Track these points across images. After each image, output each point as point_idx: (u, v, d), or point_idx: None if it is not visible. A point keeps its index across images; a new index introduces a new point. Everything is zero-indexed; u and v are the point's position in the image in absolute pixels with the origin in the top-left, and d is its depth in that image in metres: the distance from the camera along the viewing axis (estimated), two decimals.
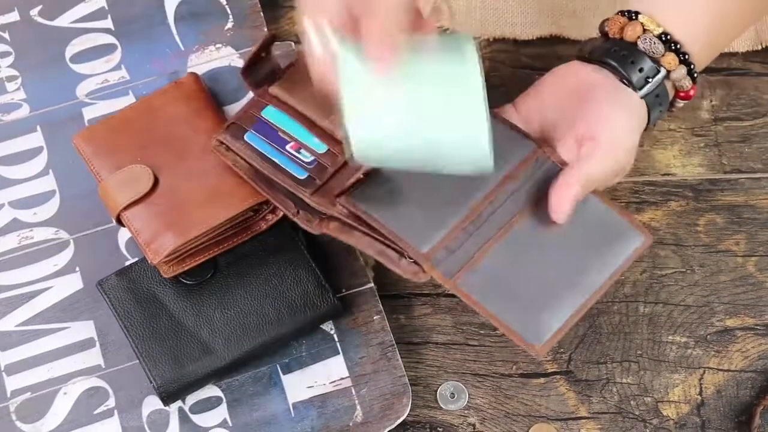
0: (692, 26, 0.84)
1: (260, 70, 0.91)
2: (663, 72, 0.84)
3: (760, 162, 1.01)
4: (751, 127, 1.03)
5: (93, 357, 0.92)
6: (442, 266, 0.82)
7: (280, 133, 0.89)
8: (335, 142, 0.87)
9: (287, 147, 0.88)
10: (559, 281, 0.83)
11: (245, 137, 0.89)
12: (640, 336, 0.95)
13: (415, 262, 0.82)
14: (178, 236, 0.88)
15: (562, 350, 0.94)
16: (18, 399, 0.91)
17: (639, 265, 0.97)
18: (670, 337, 0.95)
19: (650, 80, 0.83)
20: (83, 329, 0.93)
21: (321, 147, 0.88)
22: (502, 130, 0.85)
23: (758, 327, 0.95)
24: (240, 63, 1.01)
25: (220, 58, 1.02)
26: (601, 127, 0.82)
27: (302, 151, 0.88)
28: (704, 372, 0.94)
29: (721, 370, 0.94)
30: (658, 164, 1.01)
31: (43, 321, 0.93)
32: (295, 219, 0.87)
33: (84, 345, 0.93)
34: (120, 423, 0.91)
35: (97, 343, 0.93)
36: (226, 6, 1.04)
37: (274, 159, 0.88)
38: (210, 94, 0.98)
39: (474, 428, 0.92)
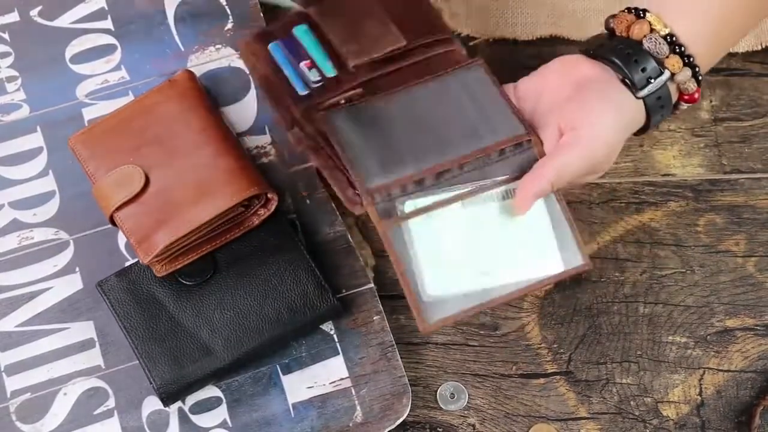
0: (699, 28, 0.84)
1: None
2: (667, 74, 0.83)
3: (760, 162, 1.01)
4: (750, 128, 1.03)
5: (93, 357, 0.92)
6: (380, 207, 0.83)
7: (300, 50, 0.92)
8: (345, 70, 0.90)
9: (301, 64, 0.91)
10: (481, 267, 0.83)
11: (269, 46, 0.92)
12: (640, 336, 0.95)
13: (357, 194, 0.84)
14: (168, 234, 0.88)
15: (562, 350, 0.94)
16: (18, 399, 0.91)
17: (639, 265, 0.97)
18: (670, 338, 0.95)
19: (652, 81, 0.83)
20: (83, 330, 0.93)
21: (331, 71, 0.90)
22: (501, 105, 0.87)
23: (758, 327, 0.95)
24: (240, 63, 1.01)
25: (220, 58, 1.02)
26: (584, 120, 0.82)
27: (313, 70, 0.91)
28: (704, 372, 0.94)
29: (721, 370, 0.94)
30: (658, 164, 1.01)
31: (43, 321, 0.93)
32: (289, 134, 0.90)
33: (84, 345, 0.93)
34: (120, 423, 0.91)
35: (97, 344, 0.93)
36: (226, 6, 1.04)
37: (284, 70, 0.91)
38: (204, 91, 0.98)
39: (474, 428, 0.92)
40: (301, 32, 0.93)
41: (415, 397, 0.93)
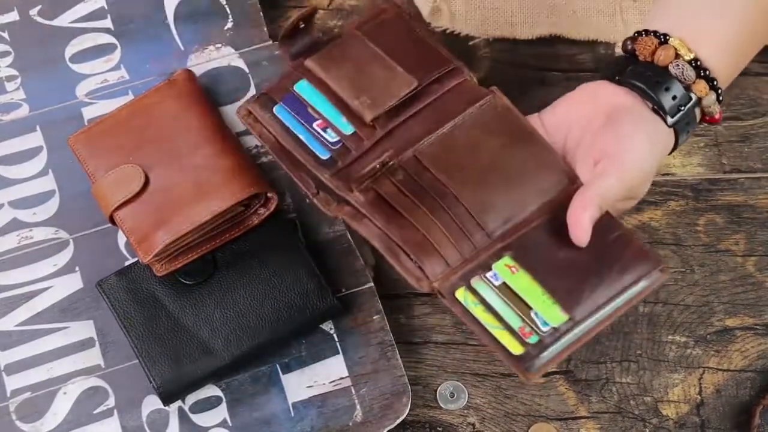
0: (721, 50, 0.83)
1: (299, 41, 0.88)
2: (695, 99, 0.82)
3: (760, 162, 1.01)
4: (750, 127, 1.03)
5: (93, 357, 0.92)
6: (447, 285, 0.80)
7: (309, 109, 0.86)
8: (363, 124, 0.85)
9: (314, 124, 0.86)
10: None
11: (274, 110, 0.87)
12: (640, 336, 0.95)
13: (420, 268, 0.79)
14: (168, 234, 0.88)
15: None
16: (18, 399, 0.91)
17: None
18: (669, 337, 0.95)
19: (682, 108, 0.82)
20: (83, 329, 0.93)
21: (348, 128, 0.85)
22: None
23: (758, 327, 0.95)
24: (240, 63, 1.01)
25: (219, 57, 1.02)
26: (618, 147, 0.80)
27: (328, 130, 0.85)
28: (704, 372, 0.94)
29: (721, 369, 0.94)
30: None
31: (43, 321, 0.93)
32: (315, 199, 0.85)
33: (84, 345, 0.93)
34: (120, 423, 0.91)
35: (97, 343, 0.93)
36: (226, 6, 1.04)
37: (299, 135, 0.86)
38: (203, 90, 0.98)
39: (474, 428, 0.92)
40: (303, 89, 0.87)
41: (415, 397, 0.93)
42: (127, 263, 0.94)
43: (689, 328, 0.95)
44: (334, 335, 0.93)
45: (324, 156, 0.85)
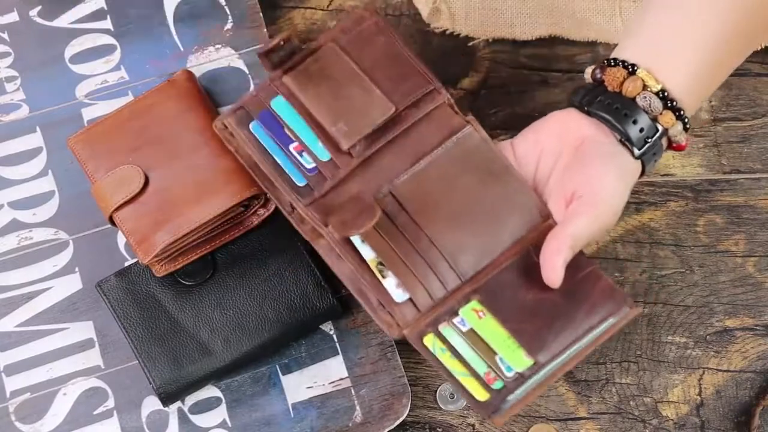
0: (688, 80, 0.83)
1: (279, 53, 0.85)
2: (661, 130, 0.83)
3: (760, 162, 1.01)
4: (750, 128, 1.03)
5: (92, 357, 0.92)
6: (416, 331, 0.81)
7: (285, 130, 0.85)
8: (339, 151, 0.83)
9: (290, 147, 0.84)
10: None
11: (250, 126, 0.85)
12: (640, 336, 0.95)
13: (390, 314, 0.80)
14: (167, 234, 0.88)
15: None
16: (17, 399, 0.91)
17: (638, 265, 0.97)
18: (669, 338, 0.95)
19: (649, 141, 0.82)
20: (83, 330, 0.93)
21: (324, 154, 0.83)
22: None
23: (757, 327, 0.95)
24: (239, 64, 1.01)
25: (219, 58, 1.02)
26: (589, 188, 0.81)
27: (305, 154, 0.84)
28: (703, 372, 0.94)
29: (721, 370, 0.94)
30: (658, 165, 1.01)
31: (43, 321, 0.93)
32: (289, 218, 0.84)
33: (83, 345, 0.93)
34: (119, 423, 0.91)
35: (97, 344, 0.93)
36: (226, 7, 1.04)
37: (275, 157, 0.84)
38: (203, 91, 0.98)
39: (473, 428, 0.92)
40: (279, 106, 0.85)
41: (415, 397, 0.93)
42: (126, 264, 0.94)
43: (689, 328, 0.95)
44: (334, 336, 0.93)
45: (300, 183, 0.83)
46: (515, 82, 1.04)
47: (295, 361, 0.92)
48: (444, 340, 0.80)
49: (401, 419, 0.91)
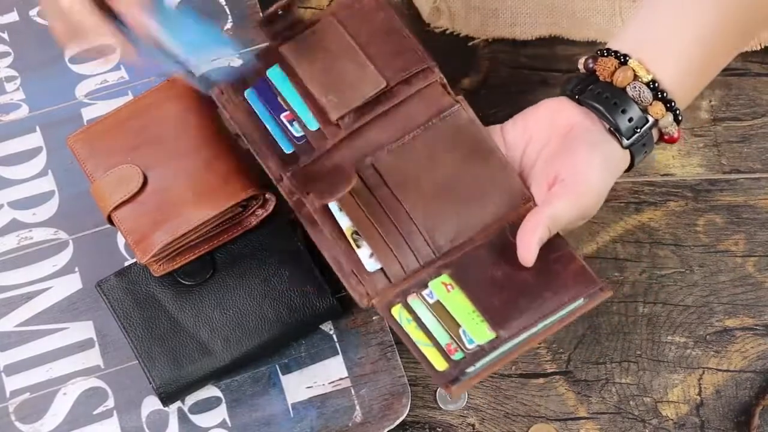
0: (681, 71, 0.84)
1: (279, 23, 0.87)
2: (651, 121, 0.83)
3: (759, 162, 1.01)
4: (750, 127, 1.03)
5: (92, 357, 0.92)
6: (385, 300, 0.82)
7: (278, 99, 0.87)
8: (327, 122, 0.85)
9: (282, 115, 0.86)
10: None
11: (245, 93, 0.87)
12: (640, 336, 0.95)
13: (362, 284, 0.81)
14: (166, 234, 0.88)
15: (561, 350, 0.94)
16: (17, 399, 0.91)
17: (638, 265, 0.97)
18: (669, 338, 0.95)
19: (638, 131, 0.83)
20: (82, 330, 0.93)
21: (313, 124, 0.85)
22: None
23: (757, 327, 0.95)
24: (239, 63, 1.01)
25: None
26: (572, 171, 0.82)
27: (295, 123, 0.86)
28: (703, 372, 0.94)
29: (720, 370, 0.94)
30: (657, 164, 1.01)
31: (43, 321, 0.93)
32: (278, 185, 0.86)
33: (83, 345, 0.93)
34: (119, 423, 0.91)
35: (97, 344, 0.93)
36: (225, 6, 1.04)
37: (266, 124, 0.86)
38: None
39: (473, 428, 0.92)
40: (275, 76, 0.87)
41: (415, 397, 0.93)
42: (126, 264, 0.94)
43: (689, 328, 0.95)
44: (334, 336, 0.93)
45: (288, 150, 0.86)
46: (515, 82, 1.04)
47: (295, 360, 0.92)
48: (411, 310, 0.81)
49: (401, 419, 0.91)
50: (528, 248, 0.80)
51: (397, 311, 0.81)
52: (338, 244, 0.82)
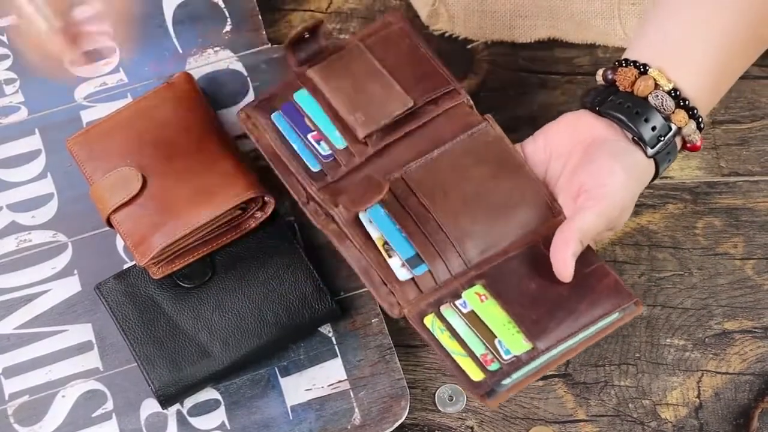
0: (701, 78, 0.83)
1: (305, 49, 0.89)
2: (674, 129, 0.83)
3: (758, 165, 1.01)
4: (749, 130, 1.03)
5: (91, 360, 0.92)
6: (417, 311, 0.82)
7: (305, 120, 0.88)
8: (355, 140, 0.86)
9: (309, 135, 0.87)
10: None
11: (272, 116, 0.89)
12: (638, 339, 0.95)
13: (393, 294, 0.81)
14: (164, 237, 0.88)
15: None
16: (16, 402, 0.91)
17: (637, 268, 0.97)
18: (668, 340, 0.95)
19: (662, 139, 0.82)
20: (81, 332, 0.93)
21: (341, 142, 0.86)
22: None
23: (756, 330, 0.95)
24: (238, 66, 1.01)
25: (218, 61, 1.02)
26: (596, 182, 0.81)
27: (322, 143, 0.87)
28: (702, 375, 0.94)
29: (719, 372, 0.94)
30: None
31: (42, 324, 0.93)
32: (304, 208, 0.87)
33: (82, 348, 0.93)
34: (118, 426, 0.90)
35: (96, 346, 0.93)
36: (225, 9, 1.04)
37: (292, 144, 0.87)
38: (202, 93, 0.98)
39: (472, 431, 0.92)
40: (302, 98, 0.88)
41: (414, 400, 0.93)
42: (125, 266, 0.94)
43: (688, 331, 0.95)
44: (333, 338, 0.93)
45: (315, 168, 0.86)
46: (514, 85, 1.04)
47: (294, 363, 0.92)
48: (444, 320, 0.81)
49: (400, 421, 0.91)
50: (564, 263, 0.80)
51: (430, 321, 0.81)
52: (368, 254, 0.82)
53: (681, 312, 0.96)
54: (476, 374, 0.78)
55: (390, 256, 0.82)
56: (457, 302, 0.81)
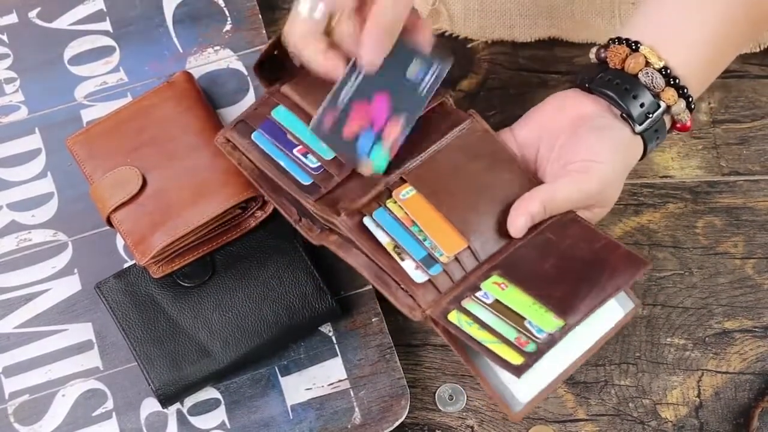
0: (693, 59, 0.84)
1: (274, 67, 0.88)
2: (663, 107, 0.83)
3: (758, 164, 1.01)
4: (749, 129, 1.03)
5: (91, 359, 0.92)
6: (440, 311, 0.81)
7: (288, 136, 0.86)
8: None
9: (294, 150, 0.85)
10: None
11: (252, 136, 0.87)
12: (639, 338, 0.95)
13: (411, 296, 0.80)
14: (165, 236, 0.88)
15: None
16: (16, 401, 0.91)
17: None
18: (668, 339, 0.95)
19: (650, 116, 0.83)
20: (81, 331, 0.93)
21: (328, 153, 0.85)
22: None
23: (756, 329, 0.95)
24: (238, 65, 1.01)
25: (218, 60, 1.02)
26: (579, 157, 0.81)
27: (309, 156, 0.85)
28: (702, 374, 0.94)
29: (720, 372, 0.94)
30: (656, 166, 1.01)
31: (42, 323, 0.93)
32: (297, 226, 0.86)
33: (82, 347, 0.93)
34: (118, 425, 0.90)
35: (96, 345, 0.93)
36: (225, 8, 1.04)
37: (279, 161, 0.85)
38: (202, 92, 0.98)
39: (472, 430, 0.92)
40: (281, 115, 0.87)
41: (414, 399, 0.93)
42: (125, 265, 0.94)
43: (688, 330, 0.95)
44: (333, 337, 0.93)
45: (306, 182, 0.84)
46: (514, 84, 1.04)
47: (294, 362, 0.92)
48: (469, 314, 0.80)
49: (400, 421, 0.91)
50: (515, 216, 0.80)
51: (455, 317, 0.80)
52: (380, 260, 0.81)
53: (681, 311, 0.96)
54: (515, 358, 0.77)
55: (402, 260, 0.81)
56: (478, 294, 0.80)
